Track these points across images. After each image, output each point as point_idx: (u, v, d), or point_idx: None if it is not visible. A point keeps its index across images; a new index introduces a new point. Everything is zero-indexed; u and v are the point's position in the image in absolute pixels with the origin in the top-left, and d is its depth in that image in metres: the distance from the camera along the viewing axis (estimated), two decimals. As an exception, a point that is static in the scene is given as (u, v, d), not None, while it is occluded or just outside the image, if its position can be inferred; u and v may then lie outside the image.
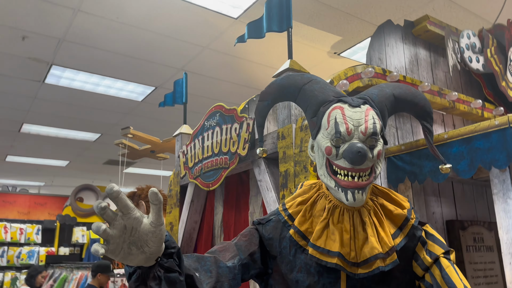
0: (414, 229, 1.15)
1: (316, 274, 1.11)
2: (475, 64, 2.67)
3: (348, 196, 1.06)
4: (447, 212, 2.45)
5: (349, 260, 1.08)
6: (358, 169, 1.06)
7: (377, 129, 1.09)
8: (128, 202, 0.79)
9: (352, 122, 1.08)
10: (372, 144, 1.08)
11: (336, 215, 1.13)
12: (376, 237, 1.09)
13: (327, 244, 1.10)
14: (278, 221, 1.21)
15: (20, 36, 4.07)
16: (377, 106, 1.15)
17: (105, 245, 0.77)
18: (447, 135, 1.99)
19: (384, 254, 1.07)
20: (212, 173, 2.42)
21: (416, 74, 2.60)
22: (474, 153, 1.86)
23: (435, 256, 1.12)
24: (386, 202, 1.18)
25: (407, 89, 1.25)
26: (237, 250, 1.15)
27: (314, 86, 1.20)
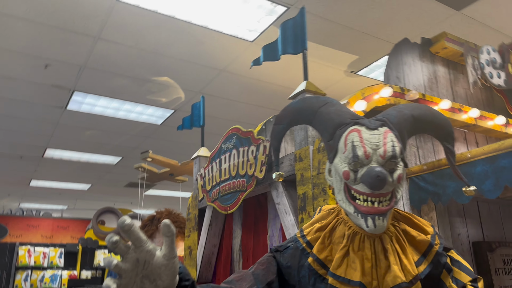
0: (439, 255, 1.10)
1: None
2: (497, 80, 2.61)
3: (369, 223, 1.03)
4: (473, 233, 2.36)
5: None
6: (378, 194, 1.03)
7: (397, 152, 1.05)
8: (141, 235, 0.77)
9: (370, 145, 1.05)
10: (392, 168, 1.05)
11: (356, 242, 1.09)
12: (399, 265, 1.05)
13: (347, 273, 1.06)
14: (296, 249, 1.18)
15: (43, 65, 4.20)
16: (396, 128, 1.12)
17: (117, 280, 0.75)
18: (471, 154, 1.93)
19: (407, 283, 1.02)
20: (230, 196, 2.40)
21: (436, 92, 2.56)
22: (500, 172, 1.79)
23: (462, 284, 1.07)
24: (408, 227, 1.13)
25: (427, 110, 1.21)
26: (254, 279, 1.12)
27: (330, 109, 1.18)
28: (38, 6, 3.30)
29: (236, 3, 3.36)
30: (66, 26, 3.58)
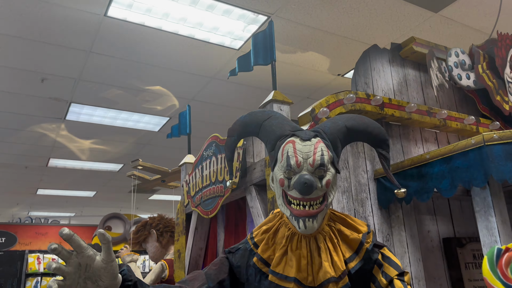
0: (370, 252, 1.21)
1: None
2: (465, 81, 2.70)
3: (300, 224, 1.14)
4: (443, 229, 2.46)
5: (306, 284, 1.16)
6: (309, 198, 1.15)
7: (325, 160, 1.17)
8: (81, 243, 0.90)
9: (301, 155, 1.17)
10: (321, 175, 1.17)
11: (294, 242, 1.21)
12: (329, 262, 1.17)
13: (285, 270, 1.18)
14: (245, 250, 1.30)
15: (40, 79, 4.37)
16: (329, 138, 1.23)
17: (61, 281, 0.88)
18: (429, 155, 2.04)
19: (336, 278, 1.14)
20: (210, 201, 2.52)
21: (405, 95, 2.66)
22: (454, 172, 1.90)
23: (390, 278, 1.18)
24: (343, 227, 1.25)
25: (360, 120, 1.33)
26: (206, 278, 1.24)
27: (273, 122, 1.30)
28: (30, 24, 3.46)
29: (219, 13, 3.49)
30: (59, 42, 3.75)
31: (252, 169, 2.27)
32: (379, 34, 3.91)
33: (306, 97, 5.05)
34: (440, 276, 2.36)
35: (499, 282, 0.82)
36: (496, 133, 1.78)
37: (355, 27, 3.78)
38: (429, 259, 2.36)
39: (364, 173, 2.31)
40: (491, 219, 1.79)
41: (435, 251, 2.40)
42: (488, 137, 1.78)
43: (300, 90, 4.90)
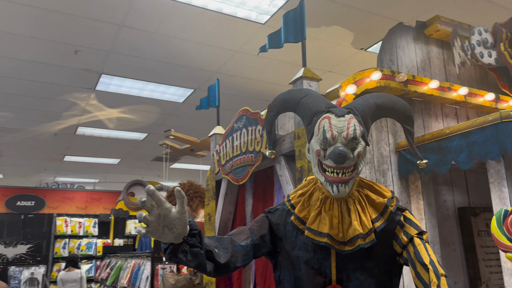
0: (394, 214, 1.40)
1: (312, 251, 1.39)
2: (487, 59, 2.80)
3: (334, 189, 1.33)
4: (459, 200, 2.63)
5: (337, 239, 1.36)
6: (342, 167, 1.33)
7: (357, 134, 1.34)
8: (161, 198, 1.11)
9: (336, 129, 1.34)
10: (353, 147, 1.34)
11: (327, 204, 1.40)
12: (358, 221, 1.36)
13: (319, 227, 1.37)
14: (283, 210, 1.50)
15: (73, 50, 4.57)
16: (360, 115, 1.40)
17: (145, 228, 1.10)
18: (449, 130, 2.19)
19: (364, 234, 1.33)
20: (241, 170, 2.73)
21: (428, 72, 2.78)
22: (472, 146, 2.05)
23: (410, 236, 1.37)
24: (370, 192, 1.43)
25: (389, 98, 1.49)
26: (250, 233, 1.45)
27: (310, 99, 1.47)
28: (67, -1, 3.64)
29: (247, -11, 3.59)
30: (93, 15, 3.92)
31: (281, 140, 2.46)
32: (403, 9, 3.96)
33: (328, 70, 5.16)
34: (454, 242, 2.55)
35: (504, 237, 1.00)
36: None
37: (380, 2, 3.85)
38: (444, 227, 2.54)
39: (386, 146, 2.47)
40: (504, 189, 1.95)
41: (450, 219, 2.58)
42: (505, 115, 1.92)
43: (323, 64, 5.01)
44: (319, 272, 1.38)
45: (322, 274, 1.37)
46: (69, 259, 6.76)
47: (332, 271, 1.37)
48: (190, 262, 1.20)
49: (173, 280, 3.40)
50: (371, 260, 1.37)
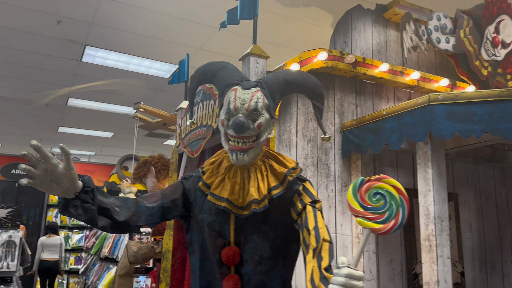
0: (292, 183, 1.48)
1: (214, 214, 1.48)
2: (444, 45, 2.83)
3: (234, 157, 1.41)
4: (404, 181, 2.70)
5: (236, 204, 1.44)
6: (242, 136, 1.40)
7: (258, 106, 1.41)
8: (47, 153, 1.19)
9: (240, 101, 1.41)
10: (254, 118, 1.41)
11: (232, 172, 1.48)
12: (256, 187, 1.44)
13: (221, 192, 1.46)
14: (196, 176, 1.59)
15: (56, 21, 4.63)
16: (268, 89, 1.47)
17: (30, 180, 1.19)
18: (386, 111, 2.24)
19: (259, 200, 1.41)
20: (196, 143, 2.81)
21: (384, 56, 2.81)
22: (403, 128, 2.11)
23: (304, 204, 1.45)
24: (274, 162, 1.51)
25: (299, 75, 1.56)
26: (161, 196, 1.54)
27: (225, 72, 1.54)
28: (43, -32, 3.68)
29: (220, -34, 3.60)
30: (71, -13, 3.96)
31: (230, 115, 2.52)
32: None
33: (309, 51, 5.18)
34: (394, 222, 2.62)
35: (357, 203, 1.07)
36: (441, 94, 1.96)
37: (355, -15, 3.84)
38: (385, 206, 2.62)
39: (331, 125, 2.54)
40: (428, 170, 2.02)
41: (392, 199, 2.65)
42: (433, 97, 1.97)
43: (303, 45, 5.02)
44: (220, 234, 1.47)
45: (222, 236, 1.46)
46: (49, 227, 7.03)
47: (231, 234, 1.46)
48: (80, 216, 1.29)
49: (135, 247, 3.53)
50: (267, 224, 1.46)
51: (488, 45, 2.96)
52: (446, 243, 1.95)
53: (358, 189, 1.09)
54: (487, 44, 2.97)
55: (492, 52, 2.99)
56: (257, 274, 1.43)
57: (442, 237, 1.94)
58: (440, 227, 1.95)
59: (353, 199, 1.08)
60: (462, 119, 1.88)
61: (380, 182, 1.09)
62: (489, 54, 3.00)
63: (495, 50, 2.97)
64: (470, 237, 2.94)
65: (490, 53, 3.00)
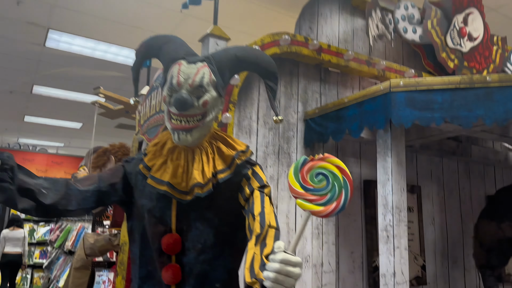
0: (241, 167, 1.38)
1: (155, 200, 1.36)
2: (411, 35, 2.78)
3: (175, 136, 1.31)
4: (366, 172, 2.65)
5: (179, 189, 1.33)
6: (185, 114, 1.30)
7: (204, 82, 1.31)
8: None
9: (184, 76, 1.31)
10: (199, 95, 1.31)
11: (175, 153, 1.37)
12: (199, 170, 1.33)
13: (162, 175, 1.35)
14: (138, 159, 1.47)
15: (15, 1, 4.39)
16: (217, 65, 1.37)
17: None
18: (347, 99, 2.17)
19: (203, 184, 1.31)
20: (154, 130, 2.68)
21: (351, 44, 2.75)
22: (364, 115, 2.05)
23: (252, 189, 1.36)
24: (222, 145, 1.41)
25: (252, 52, 1.46)
26: (98, 180, 1.41)
27: (171, 46, 1.43)
28: None
29: None
30: (30, -36, 3.75)
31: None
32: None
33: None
34: (356, 214, 2.57)
35: (298, 184, 0.98)
36: (402, 80, 1.90)
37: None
38: (347, 198, 2.56)
39: (294, 113, 2.46)
40: (388, 159, 1.96)
41: (355, 190, 2.60)
42: (394, 84, 1.91)
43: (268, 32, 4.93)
44: (160, 220, 1.36)
45: (163, 223, 1.36)
46: (13, 219, 6.75)
47: (172, 220, 1.35)
48: None
49: (92, 239, 3.37)
50: (212, 211, 1.36)
51: (455, 33, 2.93)
52: (404, 234, 1.90)
53: (300, 168, 1.01)
54: (454, 32, 2.94)
55: (457, 41, 2.97)
56: (200, 263, 1.33)
57: (400, 228, 1.89)
58: (398, 217, 1.90)
59: (294, 179, 1.00)
60: (422, 107, 1.83)
61: (323, 161, 1.01)
62: (455, 42, 2.96)
63: (461, 40, 2.95)
64: (433, 230, 2.92)
65: (456, 41, 2.97)
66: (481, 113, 1.76)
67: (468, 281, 3.07)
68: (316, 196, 0.98)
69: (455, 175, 3.15)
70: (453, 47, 2.90)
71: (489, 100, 1.76)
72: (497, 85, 1.77)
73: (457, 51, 2.92)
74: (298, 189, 0.99)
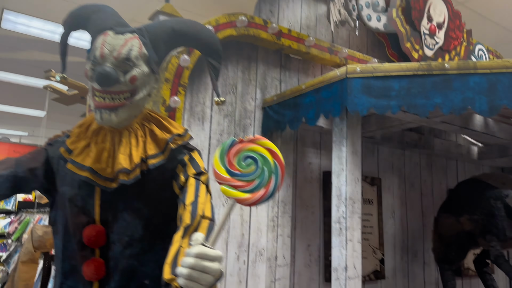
0: (177, 152, 1.25)
1: (77, 187, 1.22)
2: (375, 23, 2.71)
3: (97, 116, 1.17)
4: (326, 164, 2.57)
5: (103, 175, 1.19)
6: (110, 91, 1.16)
7: (131, 55, 1.17)
8: None
9: (108, 47, 1.16)
10: (125, 69, 1.17)
11: (100, 136, 1.23)
12: (126, 155, 1.19)
13: (83, 160, 1.20)
14: (61, 142, 1.31)
15: (-36, -23, 4.10)
16: (150, 37, 1.23)
17: None
18: (305, 85, 2.08)
19: (128, 169, 1.18)
20: (104, 114, 2.52)
21: (313, 31, 2.65)
22: (320, 103, 1.95)
23: (187, 176, 1.23)
24: (155, 127, 1.27)
25: (192, 25, 1.32)
26: (15, 164, 1.25)
27: (100, 15, 1.28)
28: None
29: None
30: None
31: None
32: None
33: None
34: (314, 205, 2.49)
35: (223, 168, 0.87)
36: (359, 66, 1.81)
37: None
38: (306, 189, 2.48)
39: (252, 100, 2.34)
40: (343, 148, 1.88)
41: (313, 182, 2.51)
42: (351, 70, 1.82)
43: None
44: (83, 210, 1.22)
45: (86, 213, 1.21)
46: None
47: (96, 210, 1.21)
48: None
49: (41, 232, 3.19)
50: (142, 200, 1.22)
51: (428, 39, 2.91)
52: (357, 226, 1.82)
53: (227, 151, 0.89)
54: (427, 40, 2.91)
55: (433, 42, 2.95)
56: (126, 258, 1.19)
57: (353, 220, 1.81)
58: (352, 209, 1.81)
59: (220, 163, 0.88)
60: (379, 94, 1.74)
61: (253, 144, 0.90)
62: (431, 47, 2.95)
63: (435, 39, 2.93)
64: (393, 223, 2.88)
65: (432, 45, 2.96)
66: (439, 101, 1.69)
67: (428, 276, 3.05)
68: (242, 182, 0.87)
69: (417, 168, 3.11)
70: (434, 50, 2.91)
71: (447, 88, 1.70)
72: (456, 73, 1.71)
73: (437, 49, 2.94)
74: (223, 174, 0.88)
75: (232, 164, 0.89)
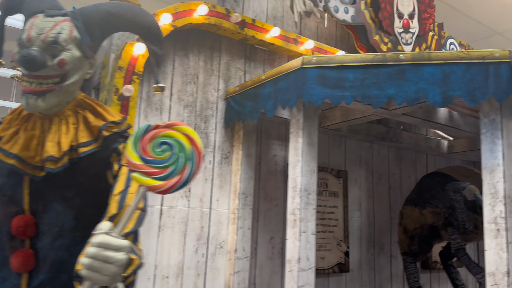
0: (111, 140, 1.21)
1: (6, 175, 1.18)
2: (342, 15, 2.69)
3: (24, 101, 1.13)
4: (291, 156, 2.54)
5: (31, 163, 1.15)
6: (37, 75, 1.12)
7: (60, 38, 1.13)
8: None
9: (36, 30, 1.12)
10: (54, 53, 1.13)
11: (30, 123, 1.19)
12: (55, 142, 1.16)
13: (11, 147, 1.16)
14: None
15: None
16: (84, 20, 1.19)
17: None
18: (265, 76, 2.05)
19: (56, 157, 1.14)
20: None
21: (280, 22, 2.62)
22: (278, 93, 1.92)
23: (120, 165, 1.20)
24: (90, 114, 1.23)
25: (129, 8, 1.28)
26: None
27: None
28: None
29: None
30: None
31: (96, 72, 2.21)
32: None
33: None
34: (277, 198, 2.47)
35: (136, 155, 0.84)
36: (315, 57, 1.79)
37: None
38: (270, 181, 2.46)
39: (214, 91, 2.31)
40: (299, 140, 1.86)
41: (278, 174, 2.49)
42: (307, 60, 1.79)
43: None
44: (12, 200, 1.18)
45: (15, 203, 1.18)
46: None
47: (25, 200, 1.17)
48: None
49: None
50: (73, 189, 1.19)
51: (404, 36, 2.93)
52: (311, 218, 1.80)
53: (141, 137, 0.86)
54: (403, 38, 2.92)
55: (409, 36, 2.96)
56: (55, 249, 1.16)
57: (308, 211, 1.79)
58: (306, 200, 1.80)
59: (133, 150, 0.85)
60: (333, 85, 1.72)
61: (169, 129, 0.87)
62: (408, 42, 2.96)
63: (410, 31, 2.95)
64: (359, 216, 2.87)
65: (410, 38, 2.97)
66: (392, 92, 1.68)
67: (394, 268, 3.06)
68: (155, 169, 0.84)
69: (385, 161, 3.11)
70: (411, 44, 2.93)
71: (400, 79, 1.68)
72: (410, 63, 1.69)
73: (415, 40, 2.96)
74: (136, 161, 0.85)
75: (145, 151, 0.86)
